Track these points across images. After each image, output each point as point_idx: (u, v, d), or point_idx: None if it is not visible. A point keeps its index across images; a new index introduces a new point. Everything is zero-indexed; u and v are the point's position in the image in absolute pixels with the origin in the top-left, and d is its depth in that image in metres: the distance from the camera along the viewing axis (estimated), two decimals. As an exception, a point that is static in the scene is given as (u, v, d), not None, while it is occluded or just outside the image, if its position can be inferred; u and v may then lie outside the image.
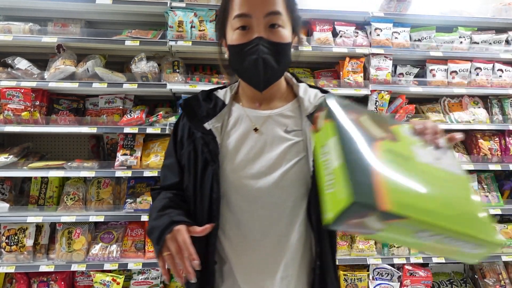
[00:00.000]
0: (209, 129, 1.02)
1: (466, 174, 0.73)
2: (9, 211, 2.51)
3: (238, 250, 1.00)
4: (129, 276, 2.61)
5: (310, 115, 1.02)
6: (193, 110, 1.08)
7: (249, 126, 1.04)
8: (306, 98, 1.07)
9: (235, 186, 0.99)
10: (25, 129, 2.48)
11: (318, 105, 0.98)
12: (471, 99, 2.99)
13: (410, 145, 0.72)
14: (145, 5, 2.56)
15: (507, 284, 2.83)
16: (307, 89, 1.10)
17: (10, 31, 2.52)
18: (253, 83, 1.01)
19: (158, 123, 2.59)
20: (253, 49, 0.95)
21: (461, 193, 0.68)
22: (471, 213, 0.65)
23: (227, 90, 1.13)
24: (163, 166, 1.14)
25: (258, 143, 1.01)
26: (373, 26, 2.78)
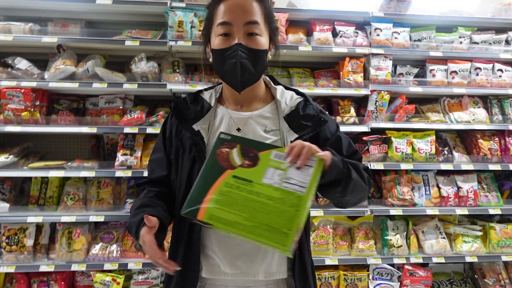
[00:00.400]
0: (197, 130, 1.13)
1: (308, 191, 0.90)
2: (9, 211, 2.51)
3: (220, 237, 1.10)
4: (129, 276, 2.61)
5: (286, 116, 1.16)
6: (182, 112, 1.18)
7: (232, 126, 1.15)
8: (283, 101, 1.19)
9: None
10: (25, 129, 2.48)
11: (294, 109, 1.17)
12: (471, 99, 3.00)
13: (267, 167, 0.94)
14: (145, 5, 2.56)
15: (507, 284, 2.83)
16: (284, 92, 1.23)
17: (10, 31, 2.52)
18: (232, 84, 1.13)
19: (158, 123, 2.59)
20: (232, 53, 1.07)
21: (278, 209, 0.88)
22: (271, 225, 0.86)
23: (212, 93, 1.24)
24: (150, 160, 1.25)
25: None
26: (373, 26, 2.78)
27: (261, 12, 1.09)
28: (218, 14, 1.08)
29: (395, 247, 2.69)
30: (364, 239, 2.72)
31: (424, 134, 2.89)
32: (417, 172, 2.89)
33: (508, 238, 2.79)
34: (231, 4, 1.07)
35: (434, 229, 2.80)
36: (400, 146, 2.79)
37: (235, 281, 1.11)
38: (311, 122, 1.15)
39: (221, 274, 1.11)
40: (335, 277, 2.67)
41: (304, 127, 1.14)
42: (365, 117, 2.80)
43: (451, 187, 2.84)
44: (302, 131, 1.13)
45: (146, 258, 2.53)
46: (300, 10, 2.78)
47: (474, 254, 2.73)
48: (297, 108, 1.17)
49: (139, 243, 1.06)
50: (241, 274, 1.10)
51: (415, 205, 2.76)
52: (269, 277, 1.11)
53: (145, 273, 2.58)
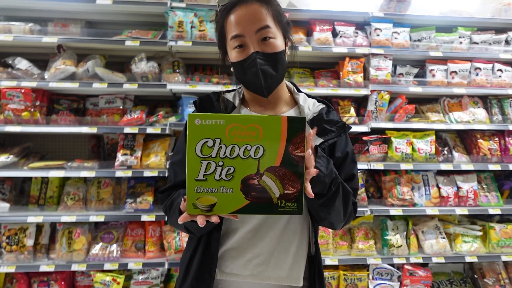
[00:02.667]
0: None
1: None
2: (10, 211, 2.51)
3: (235, 239, 1.11)
4: (129, 276, 2.61)
5: (309, 121, 1.17)
6: (206, 109, 1.16)
7: None
8: (306, 106, 1.20)
9: None
10: (25, 129, 2.48)
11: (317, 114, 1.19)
12: (471, 99, 3.00)
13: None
14: (145, 5, 2.56)
15: (506, 284, 2.83)
16: (306, 99, 1.24)
17: (11, 31, 2.52)
18: (258, 92, 1.14)
19: (158, 123, 2.59)
20: (251, 63, 1.09)
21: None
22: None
23: (235, 94, 1.23)
24: (172, 163, 1.19)
25: None
26: (373, 26, 2.78)
27: (269, 15, 1.10)
28: (229, 27, 1.10)
29: (395, 247, 2.69)
30: (364, 239, 2.72)
31: (424, 134, 2.89)
32: (417, 172, 2.89)
33: (508, 238, 2.79)
34: (239, 15, 1.07)
35: (434, 229, 2.80)
36: (400, 146, 2.79)
37: (247, 283, 1.12)
38: (335, 128, 1.15)
39: (233, 276, 1.12)
40: (335, 277, 2.67)
41: (328, 132, 1.14)
42: (365, 117, 2.80)
43: (451, 187, 2.84)
44: (326, 135, 1.13)
45: (147, 258, 2.53)
46: (300, 10, 2.78)
47: (474, 254, 2.74)
48: (320, 113, 1.18)
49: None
50: (252, 277, 1.11)
51: (415, 205, 2.77)
52: (279, 282, 1.11)
53: (145, 273, 2.58)
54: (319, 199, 1.05)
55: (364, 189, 2.75)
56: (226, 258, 1.13)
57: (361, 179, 2.75)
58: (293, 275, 1.12)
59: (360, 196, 2.71)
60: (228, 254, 1.12)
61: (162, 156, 2.61)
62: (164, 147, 2.67)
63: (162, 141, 2.71)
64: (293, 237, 1.12)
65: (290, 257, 1.11)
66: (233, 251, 1.12)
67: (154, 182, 2.70)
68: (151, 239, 2.58)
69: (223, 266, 1.12)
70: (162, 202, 1.18)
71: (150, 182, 2.68)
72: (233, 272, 1.12)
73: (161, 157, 2.60)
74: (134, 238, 2.61)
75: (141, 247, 2.59)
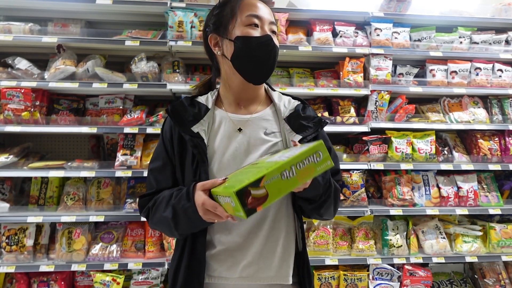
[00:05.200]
0: (196, 132, 1.12)
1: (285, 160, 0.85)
2: (9, 211, 2.51)
3: (223, 242, 1.11)
4: (129, 276, 2.61)
5: (286, 118, 1.18)
6: (180, 114, 1.16)
7: (232, 128, 1.16)
8: (281, 104, 1.22)
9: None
10: (25, 129, 2.48)
11: (294, 111, 1.21)
12: (471, 99, 3.00)
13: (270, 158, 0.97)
14: (145, 5, 2.56)
15: (507, 284, 2.83)
16: (281, 96, 1.26)
17: (10, 31, 2.52)
18: (256, 73, 1.14)
19: (158, 123, 2.59)
20: (268, 41, 1.11)
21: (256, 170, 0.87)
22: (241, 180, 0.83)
23: (208, 96, 1.24)
24: (152, 170, 1.18)
25: (242, 144, 1.13)
26: (373, 26, 2.78)
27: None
28: (247, 7, 1.12)
29: (395, 247, 2.69)
30: (364, 239, 2.72)
31: (424, 134, 2.89)
32: (417, 172, 2.89)
33: (508, 238, 2.79)
34: (257, 3, 1.13)
35: (434, 229, 2.80)
36: (400, 146, 2.79)
37: (237, 286, 1.11)
38: (312, 123, 1.17)
39: (222, 279, 1.11)
40: (335, 277, 2.67)
41: (306, 128, 1.15)
42: (365, 117, 2.80)
43: (451, 187, 2.84)
44: (304, 131, 1.14)
45: (146, 258, 2.53)
46: (300, 10, 2.78)
47: (474, 254, 2.73)
48: (297, 110, 1.20)
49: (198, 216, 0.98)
50: (241, 279, 1.10)
51: (415, 205, 2.76)
52: (269, 282, 1.11)
53: (145, 273, 2.58)
54: (311, 204, 1.08)
55: (364, 189, 2.75)
56: (213, 262, 1.11)
57: (361, 179, 2.75)
58: (282, 273, 1.12)
59: (360, 196, 2.71)
60: (215, 257, 1.11)
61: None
62: (164, 147, 2.66)
63: (162, 141, 2.71)
64: (279, 236, 1.12)
65: (278, 256, 1.11)
66: (220, 255, 1.11)
67: (154, 182, 2.69)
68: (151, 239, 2.57)
69: (210, 270, 1.11)
70: (142, 207, 1.17)
71: (150, 182, 2.67)
72: (221, 276, 1.11)
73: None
74: (134, 238, 2.61)
75: (141, 247, 2.58)
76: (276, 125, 1.18)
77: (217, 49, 1.17)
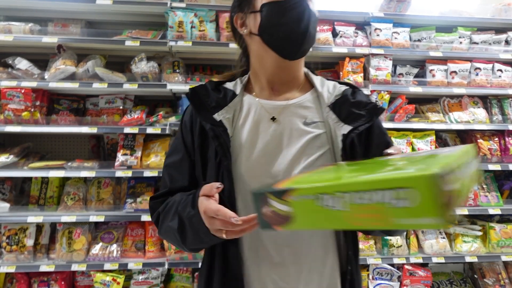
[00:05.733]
0: (219, 120, 0.93)
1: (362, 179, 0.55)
2: (10, 211, 2.51)
3: (255, 257, 0.92)
4: (129, 276, 2.61)
5: (331, 105, 0.96)
6: (201, 100, 0.98)
7: (264, 117, 0.96)
8: (325, 89, 1.00)
9: (252, 185, 0.89)
10: (25, 129, 2.48)
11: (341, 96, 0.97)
12: (471, 99, 3.00)
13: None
14: (145, 5, 2.56)
15: (506, 284, 2.83)
16: (324, 81, 1.04)
17: (11, 31, 2.52)
18: (288, 44, 0.92)
19: (158, 123, 2.59)
20: (299, 2, 0.92)
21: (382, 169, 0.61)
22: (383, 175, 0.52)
23: (237, 81, 1.05)
24: (167, 166, 1.02)
25: (275, 136, 0.93)
26: (373, 27, 2.78)
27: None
28: None
29: (395, 247, 2.69)
30: (364, 239, 2.72)
31: (424, 134, 2.89)
32: (417, 172, 2.89)
33: (508, 238, 2.79)
34: None
35: (434, 229, 2.81)
36: (400, 146, 2.79)
37: None
38: (364, 111, 0.93)
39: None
40: (335, 277, 2.67)
41: (357, 116, 0.92)
42: (365, 117, 2.80)
43: (451, 187, 2.83)
44: (355, 121, 0.91)
45: (147, 258, 2.53)
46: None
47: (474, 254, 2.74)
48: (345, 95, 0.97)
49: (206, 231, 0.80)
50: None
51: (415, 205, 2.76)
52: None
53: (145, 273, 2.58)
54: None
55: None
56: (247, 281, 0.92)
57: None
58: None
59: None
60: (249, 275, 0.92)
61: (162, 156, 2.61)
62: (164, 147, 2.66)
63: (162, 141, 2.71)
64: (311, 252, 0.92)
65: (319, 275, 0.92)
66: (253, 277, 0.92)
67: (154, 182, 2.70)
68: (151, 239, 2.57)
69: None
70: (153, 210, 0.99)
71: (150, 182, 2.68)
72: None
73: (161, 157, 2.60)
74: (134, 238, 2.61)
75: (141, 247, 2.58)
76: (318, 114, 0.96)
77: (243, 28, 0.98)
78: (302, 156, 0.91)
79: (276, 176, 0.90)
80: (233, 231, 0.74)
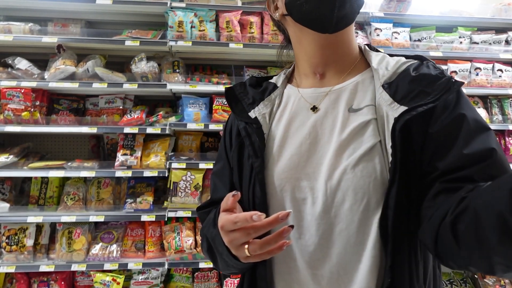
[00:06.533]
0: (254, 117, 0.83)
1: None
2: (9, 211, 2.51)
3: (287, 279, 0.77)
4: (129, 276, 2.61)
5: (387, 84, 0.74)
6: (237, 98, 0.89)
7: (303, 107, 0.81)
8: (383, 66, 0.78)
9: (281, 190, 0.76)
10: (25, 129, 2.48)
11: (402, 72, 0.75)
12: (471, 99, 3.00)
13: None
14: (145, 5, 2.56)
15: (506, 284, 2.83)
16: (385, 57, 0.82)
17: (10, 31, 2.52)
18: (320, 13, 0.74)
19: (158, 123, 2.59)
20: None
21: None
22: None
23: (281, 74, 0.93)
24: (213, 173, 0.93)
25: (314, 129, 0.77)
26: (373, 26, 2.78)
27: None
28: None
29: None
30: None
31: (424, 134, 2.88)
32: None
33: (508, 238, 2.78)
34: None
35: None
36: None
37: None
38: (430, 87, 0.69)
39: None
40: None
41: (418, 94, 0.69)
42: (365, 117, 2.80)
43: (451, 187, 2.83)
44: (414, 100, 0.68)
45: (147, 258, 2.53)
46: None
47: (474, 254, 2.73)
48: (406, 69, 0.75)
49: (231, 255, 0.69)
50: None
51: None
52: None
53: (145, 273, 2.58)
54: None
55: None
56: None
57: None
58: None
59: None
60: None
61: (162, 156, 2.60)
62: (164, 147, 2.66)
63: (162, 141, 2.71)
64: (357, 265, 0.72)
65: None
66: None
67: (154, 182, 2.70)
68: (151, 239, 2.57)
69: None
70: (202, 221, 0.90)
71: (150, 182, 2.68)
72: None
73: (161, 157, 2.60)
74: (134, 238, 2.61)
75: (141, 247, 2.58)
76: (370, 97, 0.76)
77: (276, 12, 0.84)
78: (345, 151, 0.72)
79: (313, 177, 0.74)
80: (257, 244, 0.60)
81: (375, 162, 0.69)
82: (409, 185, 0.67)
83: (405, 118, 0.66)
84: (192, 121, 2.63)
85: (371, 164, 0.69)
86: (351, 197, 0.69)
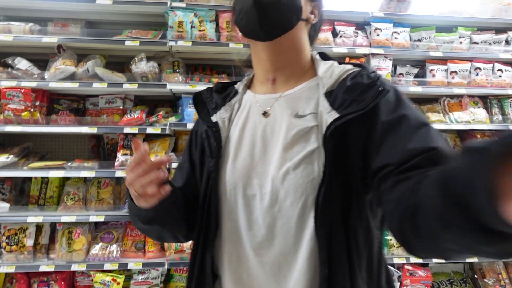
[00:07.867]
0: (215, 121, 0.90)
1: None
2: (9, 211, 2.51)
3: (236, 266, 0.85)
4: (129, 276, 2.61)
5: (328, 92, 0.80)
6: (204, 102, 0.96)
7: (256, 112, 0.88)
8: (327, 74, 0.84)
9: (235, 187, 0.84)
10: (25, 129, 2.48)
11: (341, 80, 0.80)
12: (471, 99, 3.00)
13: None
14: (145, 5, 2.56)
15: (506, 284, 2.83)
16: (333, 66, 0.87)
17: (11, 31, 2.52)
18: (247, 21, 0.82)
19: (158, 123, 2.59)
20: None
21: None
22: None
23: (243, 80, 0.99)
24: (177, 165, 1.04)
25: (265, 133, 0.85)
26: (373, 26, 2.78)
27: None
28: None
29: (395, 247, 2.69)
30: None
31: (424, 134, 2.88)
32: (417, 172, 2.89)
33: (508, 238, 2.78)
34: None
35: (434, 229, 2.80)
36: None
37: None
38: (360, 96, 0.76)
39: None
40: (335, 277, 2.67)
41: (351, 103, 0.75)
42: (365, 117, 2.80)
43: (451, 187, 2.83)
44: (347, 109, 0.75)
45: (147, 258, 2.53)
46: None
47: (474, 254, 2.73)
48: (344, 80, 0.81)
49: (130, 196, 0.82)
50: None
51: (415, 205, 2.76)
52: None
53: (145, 273, 2.58)
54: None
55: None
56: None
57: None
58: None
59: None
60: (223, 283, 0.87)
61: (162, 156, 2.61)
62: (164, 147, 2.66)
63: (162, 141, 2.71)
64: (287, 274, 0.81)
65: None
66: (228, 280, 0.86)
67: (154, 182, 2.69)
68: (151, 239, 2.58)
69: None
70: None
71: (150, 182, 2.67)
72: None
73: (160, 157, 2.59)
74: (134, 238, 2.61)
75: (141, 247, 2.58)
76: (314, 104, 0.83)
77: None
78: (288, 155, 0.79)
79: (262, 176, 0.82)
80: (137, 178, 0.74)
81: (314, 164, 0.77)
82: (348, 183, 0.76)
83: (336, 124, 0.74)
84: (192, 121, 2.63)
85: (311, 166, 0.77)
86: (292, 195, 0.78)
